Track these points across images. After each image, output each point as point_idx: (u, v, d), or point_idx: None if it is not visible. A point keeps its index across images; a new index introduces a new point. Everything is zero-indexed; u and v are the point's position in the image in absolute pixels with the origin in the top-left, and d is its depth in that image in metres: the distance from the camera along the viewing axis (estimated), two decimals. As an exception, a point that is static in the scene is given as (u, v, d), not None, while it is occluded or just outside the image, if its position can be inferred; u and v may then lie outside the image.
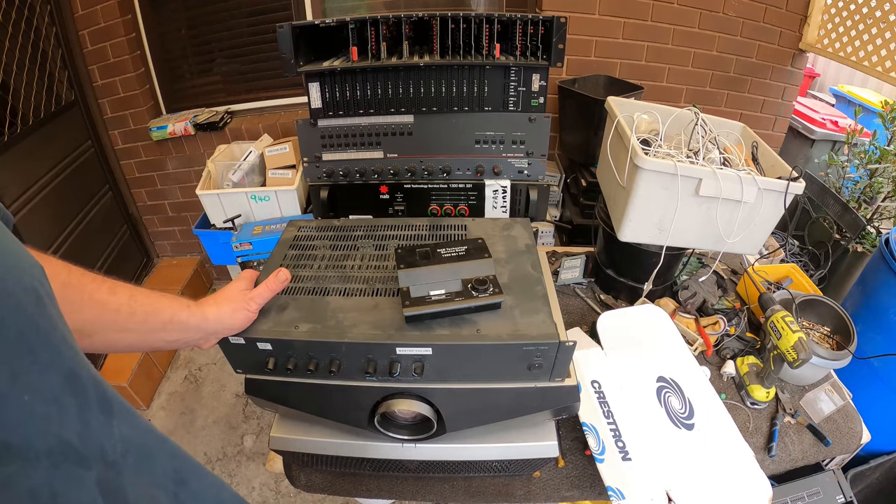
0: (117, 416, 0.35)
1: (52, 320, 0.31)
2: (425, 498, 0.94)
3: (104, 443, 0.33)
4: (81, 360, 0.33)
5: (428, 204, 1.26)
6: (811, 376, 1.13)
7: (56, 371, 0.30)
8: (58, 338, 0.31)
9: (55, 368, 0.30)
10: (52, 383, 0.30)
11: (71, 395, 0.31)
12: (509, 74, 1.13)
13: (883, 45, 1.86)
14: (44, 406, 0.28)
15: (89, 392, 0.33)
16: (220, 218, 2.04)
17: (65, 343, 0.32)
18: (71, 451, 0.30)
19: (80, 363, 0.33)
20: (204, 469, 0.46)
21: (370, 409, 0.75)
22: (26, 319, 0.28)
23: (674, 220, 1.06)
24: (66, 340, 0.32)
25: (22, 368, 0.27)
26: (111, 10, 2.14)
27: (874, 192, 1.89)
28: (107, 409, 0.34)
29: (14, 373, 0.26)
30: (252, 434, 2.06)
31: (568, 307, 1.32)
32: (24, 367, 0.28)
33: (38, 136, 2.03)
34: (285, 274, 0.73)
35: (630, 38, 2.17)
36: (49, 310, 0.31)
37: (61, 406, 0.30)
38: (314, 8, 2.22)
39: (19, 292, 0.28)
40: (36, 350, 0.29)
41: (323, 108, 1.16)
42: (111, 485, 0.32)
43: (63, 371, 0.31)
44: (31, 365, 0.28)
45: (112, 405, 0.35)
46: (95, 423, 0.33)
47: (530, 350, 0.68)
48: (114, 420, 0.35)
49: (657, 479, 0.84)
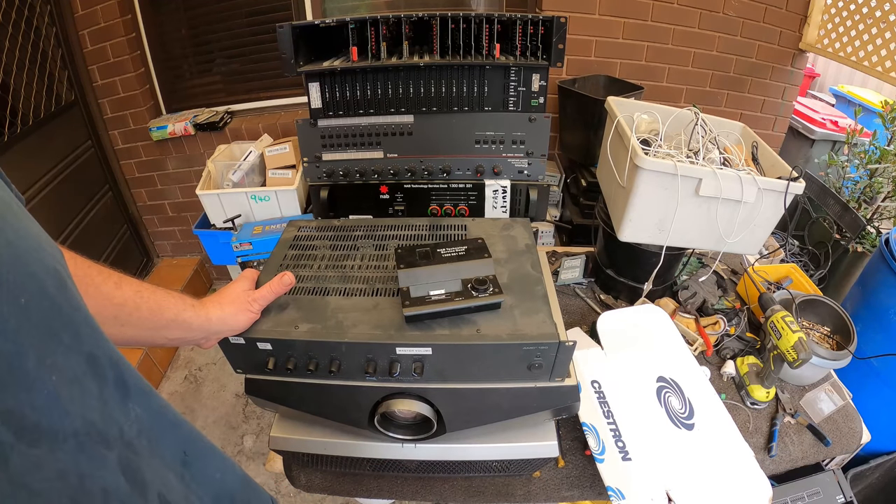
0: (133, 396, 0.35)
1: (73, 301, 0.31)
2: (425, 498, 0.94)
3: (122, 423, 0.33)
4: (100, 341, 0.33)
5: (428, 204, 1.26)
6: (811, 376, 1.13)
7: (78, 352, 0.30)
8: (80, 319, 0.31)
9: (77, 349, 0.30)
10: (75, 365, 0.30)
11: (92, 377, 0.31)
12: (509, 74, 1.13)
13: (883, 45, 1.86)
14: (69, 387, 0.29)
15: (107, 372, 0.33)
16: (220, 218, 2.04)
17: (86, 324, 0.32)
18: (95, 431, 0.30)
19: (98, 344, 0.33)
20: (213, 450, 0.46)
21: (370, 409, 0.75)
22: (50, 301, 0.28)
23: (674, 220, 1.06)
24: (87, 321, 0.32)
25: (48, 350, 0.27)
26: (111, 10, 2.14)
27: (874, 192, 1.89)
28: (123, 389, 0.34)
29: (41, 355, 0.27)
30: (252, 434, 2.06)
31: (568, 307, 1.32)
32: (50, 348, 0.28)
33: (38, 136, 2.03)
34: (290, 278, 0.74)
35: (630, 38, 2.17)
36: (71, 291, 0.31)
37: (84, 387, 0.30)
38: (314, 8, 2.22)
39: (43, 274, 0.28)
40: (59, 332, 0.29)
41: (323, 108, 1.16)
42: (131, 465, 0.33)
43: (84, 352, 0.31)
44: (56, 346, 0.28)
45: (128, 385, 0.35)
46: (113, 404, 0.33)
47: (530, 350, 0.68)
48: (129, 402, 0.35)
49: (657, 479, 0.84)
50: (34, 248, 0.29)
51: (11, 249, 0.26)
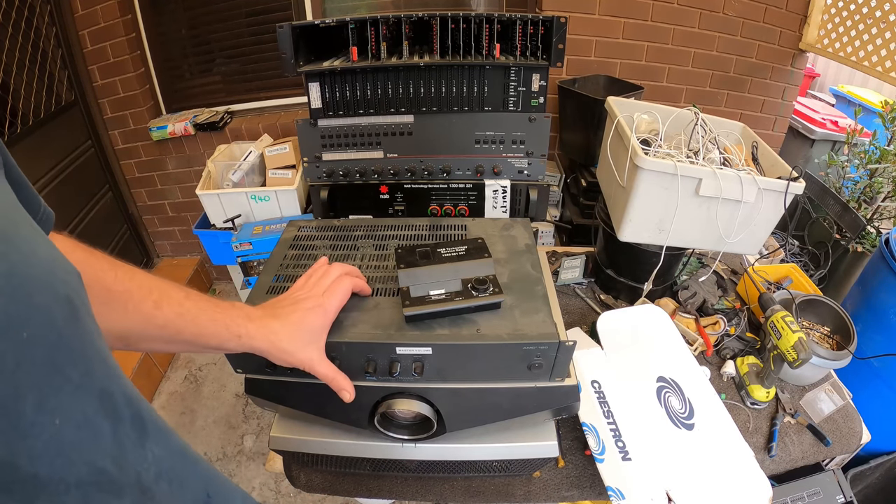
0: (151, 436, 0.32)
1: (86, 334, 0.28)
2: (425, 498, 0.94)
3: (139, 467, 0.30)
4: (115, 376, 0.30)
5: (428, 204, 1.26)
6: (811, 376, 1.13)
7: (88, 391, 0.27)
8: (91, 352, 0.28)
9: (88, 388, 0.27)
10: (85, 405, 0.27)
11: (104, 417, 0.28)
12: (509, 74, 1.13)
13: (883, 45, 1.86)
14: (75, 431, 0.26)
15: (123, 411, 0.30)
16: (220, 218, 2.04)
17: (98, 358, 0.29)
18: (104, 479, 0.27)
19: (113, 379, 0.30)
20: (233, 488, 0.44)
21: (370, 408, 0.75)
22: (57, 336, 0.26)
23: (674, 220, 1.06)
24: (100, 354, 0.29)
25: (52, 390, 0.25)
26: (111, 10, 2.14)
27: (874, 192, 1.89)
28: (140, 428, 0.31)
29: (42, 397, 0.24)
30: (252, 434, 2.06)
31: (568, 307, 1.32)
32: (54, 388, 0.25)
33: (38, 136, 2.03)
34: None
35: (630, 38, 2.17)
36: (84, 322, 0.28)
37: (95, 429, 0.27)
38: (314, 8, 2.22)
39: (51, 305, 0.26)
40: (67, 369, 0.26)
41: (323, 108, 1.16)
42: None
43: (96, 390, 0.28)
44: (61, 386, 0.25)
45: (146, 424, 0.32)
46: (129, 445, 0.30)
47: (530, 350, 0.68)
48: (147, 441, 0.32)
49: (657, 479, 0.84)
50: (43, 275, 0.26)
51: (15, 279, 0.24)
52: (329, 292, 0.65)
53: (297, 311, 0.61)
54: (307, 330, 0.60)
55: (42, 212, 0.35)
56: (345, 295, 0.67)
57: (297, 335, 0.59)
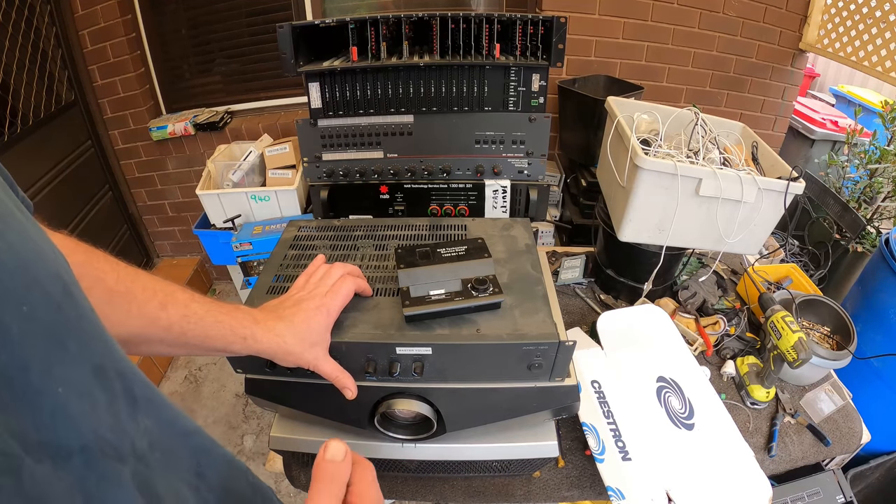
0: (141, 407, 0.33)
1: (80, 309, 0.29)
2: (425, 498, 0.94)
3: (133, 437, 0.32)
4: (108, 351, 0.32)
5: (428, 204, 1.26)
6: (811, 376, 1.13)
7: (85, 363, 0.29)
8: (86, 327, 0.30)
9: (84, 360, 0.29)
10: (83, 376, 0.28)
11: (100, 389, 0.29)
12: (509, 74, 1.13)
13: (883, 45, 1.86)
14: (77, 400, 0.27)
15: (115, 384, 0.31)
16: (220, 218, 2.04)
17: (91, 332, 0.30)
18: (106, 445, 0.28)
19: (106, 354, 0.31)
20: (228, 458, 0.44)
21: (370, 408, 0.75)
22: (56, 308, 0.27)
23: (674, 220, 1.06)
24: (95, 330, 0.31)
25: (54, 360, 0.26)
26: (111, 10, 2.14)
27: (874, 192, 1.89)
28: (131, 400, 0.33)
29: (46, 366, 0.25)
30: (252, 434, 2.06)
31: (568, 307, 1.32)
32: (57, 358, 0.26)
33: (38, 136, 2.03)
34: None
35: (630, 38, 2.17)
36: (77, 299, 0.29)
37: (93, 399, 0.28)
38: (314, 8, 2.22)
39: (46, 280, 0.27)
40: (65, 341, 0.27)
41: (323, 108, 1.16)
42: (144, 479, 0.31)
43: (92, 362, 0.29)
44: (63, 356, 0.27)
45: (136, 397, 0.33)
46: (123, 416, 0.31)
47: (530, 350, 0.68)
48: (138, 413, 0.33)
49: (657, 479, 0.84)
50: (37, 253, 0.27)
51: (13, 255, 0.25)
52: (332, 292, 0.65)
53: (301, 312, 0.61)
54: (312, 331, 0.60)
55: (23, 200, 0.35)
56: (347, 295, 0.67)
57: (303, 336, 0.59)
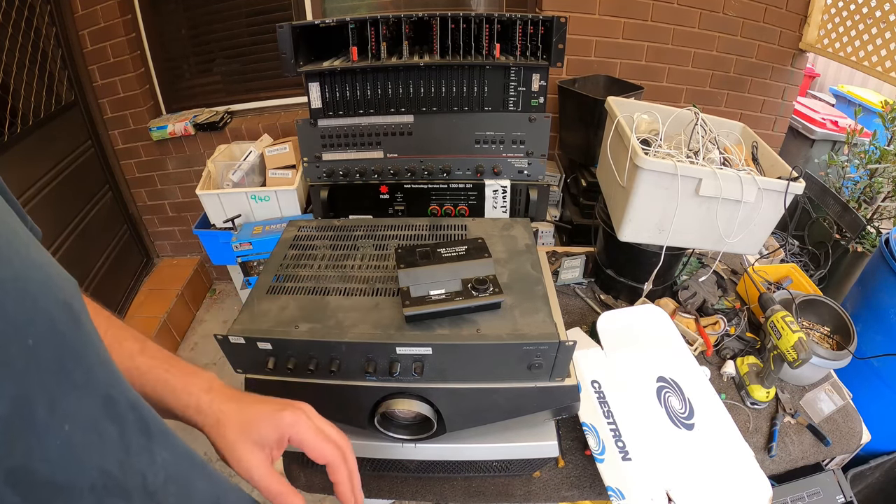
0: (157, 439, 0.32)
1: (87, 337, 0.28)
2: (425, 498, 0.94)
3: (146, 471, 0.30)
4: (117, 379, 0.30)
5: (428, 204, 1.26)
6: (811, 376, 1.13)
7: (93, 394, 0.27)
8: (93, 356, 0.28)
9: (92, 391, 0.27)
10: (91, 408, 0.27)
11: (110, 421, 0.28)
12: (509, 74, 1.13)
13: (883, 45, 1.86)
14: (84, 435, 0.26)
15: (127, 415, 0.30)
16: (220, 218, 2.04)
17: (100, 361, 0.29)
18: (113, 483, 0.27)
19: (115, 383, 0.30)
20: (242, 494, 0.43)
21: (370, 408, 0.75)
22: (61, 339, 0.26)
23: (674, 220, 1.06)
24: (101, 358, 0.29)
25: (60, 394, 0.25)
26: (111, 10, 2.14)
27: (874, 192, 1.89)
28: (145, 432, 0.31)
29: (53, 400, 0.24)
30: (252, 434, 2.05)
31: (568, 307, 1.32)
32: (63, 391, 0.25)
33: (38, 136, 2.02)
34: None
35: (630, 38, 2.17)
36: (85, 327, 0.28)
37: (101, 433, 0.27)
38: (314, 8, 2.22)
39: (53, 309, 0.26)
40: (72, 372, 0.26)
41: (323, 108, 1.16)
42: None
43: (100, 393, 0.28)
44: (69, 389, 0.25)
45: (150, 427, 0.32)
46: (136, 448, 0.30)
47: (530, 350, 0.68)
48: (154, 445, 0.32)
49: (657, 479, 0.84)
50: (44, 280, 0.26)
51: (20, 283, 0.24)
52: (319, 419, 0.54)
53: (268, 404, 0.49)
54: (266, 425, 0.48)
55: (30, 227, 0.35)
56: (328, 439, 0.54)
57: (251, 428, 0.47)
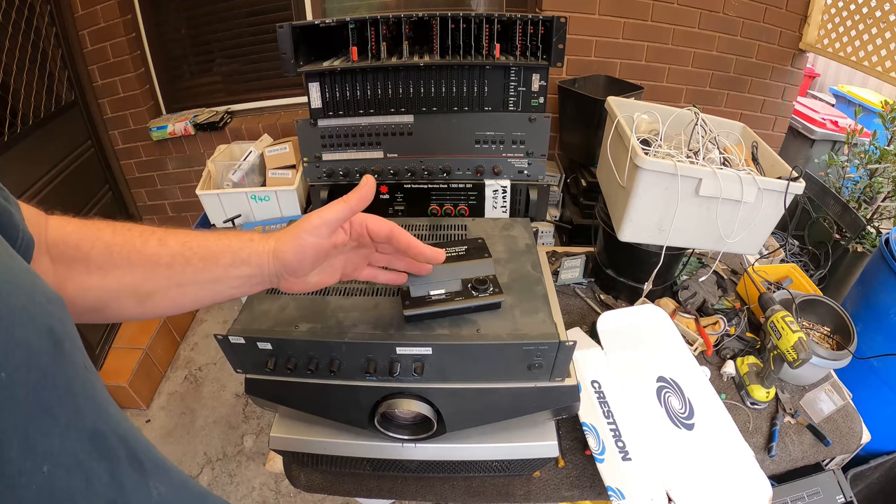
0: (151, 474, 0.30)
1: (72, 367, 0.26)
2: (425, 498, 0.94)
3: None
4: (105, 413, 0.28)
5: (428, 204, 1.26)
6: (811, 376, 1.13)
7: (79, 431, 0.25)
8: (78, 389, 0.26)
9: (77, 427, 0.25)
10: (75, 447, 0.25)
11: (98, 458, 0.26)
12: (509, 74, 1.13)
13: (883, 45, 1.86)
14: (66, 477, 0.24)
15: (118, 450, 0.28)
16: (220, 218, 2.04)
17: (86, 394, 0.27)
18: None
19: (103, 417, 0.28)
20: None
21: (370, 408, 0.75)
22: (40, 372, 0.24)
23: (674, 220, 1.06)
24: (88, 390, 0.27)
25: (38, 434, 0.23)
26: (111, 10, 2.14)
27: (874, 192, 1.89)
28: (138, 467, 0.30)
29: (28, 441, 0.22)
30: (252, 434, 2.06)
31: (568, 307, 1.32)
32: (41, 432, 0.23)
33: (38, 136, 2.02)
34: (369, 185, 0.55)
35: (630, 38, 2.17)
36: (69, 356, 0.26)
37: (88, 473, 0.25)
38: (314, 8, 2.22)
39: (32, 338, 0.24)
40: (53, 408, 0.24)
41: (323, 108, 1.16)
42: None
43: (87, 429, 0.26)
44: (50, 427, 0.23)
45: (143, 462, 0.30)
46: (131, 485, 0.28)
47: (530, 350, 0.68)
48: (149, 479, 0.30)
49: (657, 479, 0.84)
50: (24, 306, 0.24)
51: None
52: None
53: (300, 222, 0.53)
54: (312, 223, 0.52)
55: (21, 239, 0.33)
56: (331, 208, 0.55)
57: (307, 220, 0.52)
